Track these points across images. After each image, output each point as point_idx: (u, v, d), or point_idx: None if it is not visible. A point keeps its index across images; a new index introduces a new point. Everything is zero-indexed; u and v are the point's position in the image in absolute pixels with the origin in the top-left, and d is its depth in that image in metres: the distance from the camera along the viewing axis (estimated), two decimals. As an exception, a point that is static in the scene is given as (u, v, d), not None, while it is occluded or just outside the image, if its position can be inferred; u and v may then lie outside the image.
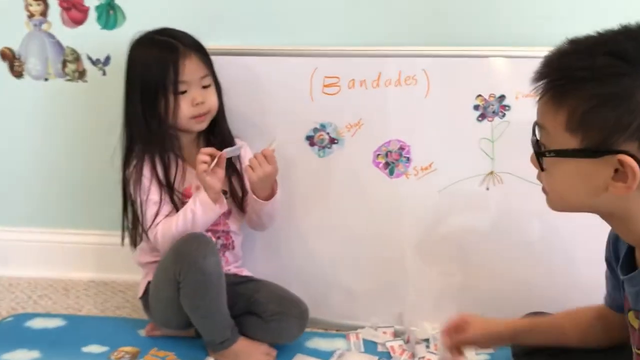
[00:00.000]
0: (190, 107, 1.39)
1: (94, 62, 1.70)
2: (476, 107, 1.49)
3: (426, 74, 1.49)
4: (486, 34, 1.52)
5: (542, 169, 0.86)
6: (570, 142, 0.80)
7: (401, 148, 1.53)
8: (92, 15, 1.66)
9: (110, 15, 1.65)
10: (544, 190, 0.89)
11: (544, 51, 1.48)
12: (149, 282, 1.47)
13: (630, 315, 0.94)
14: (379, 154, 1.54)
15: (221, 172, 1.37)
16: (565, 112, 0.79)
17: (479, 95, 1.49)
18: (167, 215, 1.41)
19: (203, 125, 1.44)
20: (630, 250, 0.92)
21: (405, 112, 1.52)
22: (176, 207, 1.42)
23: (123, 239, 1.51)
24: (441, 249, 1.55)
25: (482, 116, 1.50)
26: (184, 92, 1.39)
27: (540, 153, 0.85)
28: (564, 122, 0.79)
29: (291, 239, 1.60)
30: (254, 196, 1.43)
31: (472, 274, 1.54)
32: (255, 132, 1.55)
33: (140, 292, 1.50)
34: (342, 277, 1.59)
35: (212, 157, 1.35)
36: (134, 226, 1.45)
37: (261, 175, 1.38)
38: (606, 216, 0.88)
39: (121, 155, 1.46)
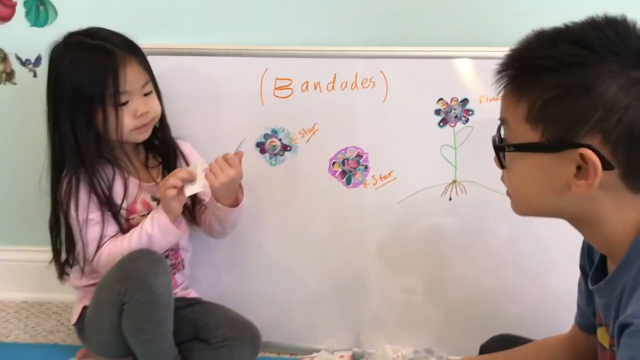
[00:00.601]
0: (133, 119, 1.27)
1: (24, 63, 1.59)
2: (437, 112, 1.43)
3: (384, 76, 1.43)
4: (448, 33, 1.46)
5: (502, 166, 0.83)
6: (531, 135, 0.77)
7: (359, 155, 1.46)
8: (21, 11, 1.54)
9: (40, 11, 1.54)
10: (508, 193, 0.86)
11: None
12: (84, 307, 1.35)
13: (601, 332, 0.90)
14: (335, 162, 1.47)
15: (184, 198, 1.27)
16: (526, 103, 0.77)
17: (441, 99, 1.43)
18: (112, 236, 1.29)
19: (147, 134, 1.32)
20: (603, 259, 0.87)
21: (363, 116, 1.45)
22: (120, 226, 1.30)
23: (59, 265, 1.38)
24: (402, 263, 1.48)
25: (444, 121, 1.43)
26: (125, 103, 1.26)
27: (499, 147, 0.82)
28: (524, 113, 0.77)
29: (241, 255, 1.51)
30: (218, 204, 1.32)
31: (436, 290, 1.48)
32: (200, 138, 1.46)
33: (75, 318, 1.37)
34: (297, 295, 1.51)
35: (184, 180, 1.25)
36: (69, 250, 1.32)
37: (224, 181, 1.26)
38: (573, 221, 0.83)
39: (49, 171, 1.32)
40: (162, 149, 1.37)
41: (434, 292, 1.48)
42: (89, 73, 1.23)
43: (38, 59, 1.57)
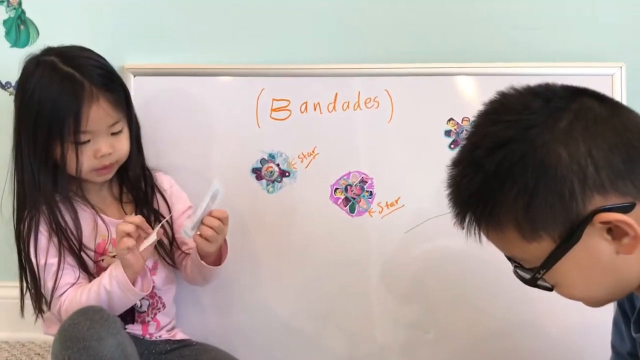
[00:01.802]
0: (93, 159, 1.17)
1: (3, 86, 1.52)
2: (448, 133, 1.38)
3: (389, 95, 1.38)
4: (457, 49, 1.41)
5: (551, 289, 0.79)
6: (544, 246, 0.74)
7: (363, 181, 1.39)
8: (0, 31, 1.48)
9: (21, 31, 1.48)
10: (575, 300, 0.81)
11: (524, 67, 1.33)
12: None
13: None
14: (337, 189, 1.40)
15: (147, 252, 1.16)
16: (511, 228, 0.74)
17: (451, 119, 1.38)
18: (73, 284, 1.19)
19: (107, 176, 1.22)
20: None
21: (367, 139, 1.40)
22: (86, 269, 1.20)
23: (22, 307, 1.28)
24: (410, 298, 1.40)
25: (455, 143, 1.38)
26: (86, 142, 1.17)
27: (534, 279, 0.77)
28: (519, 237, 0.74)
29: (236, 290, 1.43)
30: (203, 262, 1.23)
31: (446, 325, 1.40)
32: (190, 166, 1.40)
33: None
34: (296, 335, 1.42)
35: (139, 228, 1.14)
36: (36, 290, 1.22)
37: (219, 244, 1.19)
38: None
39: (13, 205, 1.23)
40: (133, 185, 1.27)
41: (444, 328, 1.39)
42: (51, 102, 1.14)
43: (21, 82, 1.50)
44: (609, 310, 0.95)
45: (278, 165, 1.40)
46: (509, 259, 0.80)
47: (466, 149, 0.77)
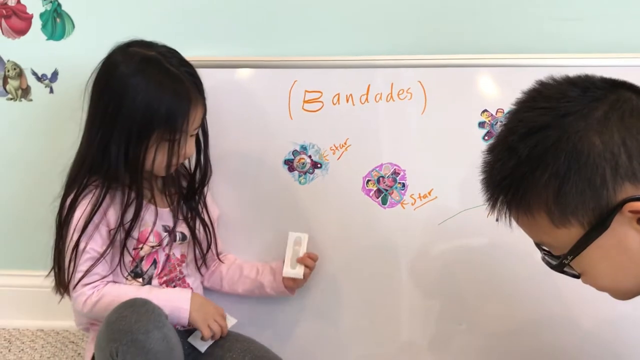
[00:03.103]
0: (179, 158, 1.20)
1: (40, 78, 1.52)
2: (482, 124, 1.35)
3: (422, 86, 1.36)
4: (492, 39, 1.39)
5: (578, 276, 0.80)
6: (573, 233, 0.74)
7: (395, 173, 1.38)
8: (37, 24, 1.48)
9: (57, 24, 1.47)
10: (602, 290, 0.81)
11: (558, 58, 1.30)
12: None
13: None
14: (369, 180, 1.38)
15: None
16: (542, 213, 0.74)
17: (485, 111, 1.35)
18: (104, 277, 1.19)
19: (172, 172, 1.24)
20: None
21: (399, 131, 1.38)
22: (128, 254, 1.21)
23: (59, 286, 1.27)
24: (442, 291, 1.38)
25: (489, 134, 1.35)
26: (178, 142, 1.19)
27: (560, 265, 0.78)
28: (549, 223, 0.75)
29: None
30: (286, 290, 1.35)
31: (478, 320, 1.37)
32: (223, 157, 1.38)
33: (88, 355, 1.26)
34: (327, 326, 1.41)
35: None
36: (60, 268, 1.23)
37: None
38: None
39: (65, 184, 1.24)
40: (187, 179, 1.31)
41: (476, 323, 1.37)
42: (160, 102, 1.15)
43: (55, 74, 1.51)
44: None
45: (310, 156, 1.39)
46: (537, 245, 0.80)
47: (501, 134, 0.78)
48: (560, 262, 0.77)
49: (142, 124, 1.15)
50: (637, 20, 1.36)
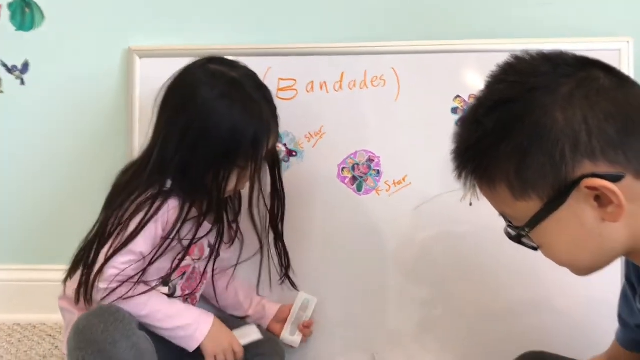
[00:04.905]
0: (243, 184, 1.20)
1: (10, 70, 1.50)
2: (454, 110, 1.37)
3: (396, 73, 1.37)
4: (464, 25, 1.39)
5: (536, 248, 0.80)
6: (532, 205, 0.75)
7: (370, 160, 1.39)
8: (5, 14, 1.47)
9: (26, 14, 1.46)
10: (562, 265, 0.82)
11: (531, 43, 1.32)
12: None
13: None
14: (344, 168, 1.39)
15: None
16: (503, 185, 0.75)
17: (458, 97, 1.36)
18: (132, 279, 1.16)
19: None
20: None
21: (374, 118, 1.39)
22: (171, 267, 1.20)
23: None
24: (420, 275, 1.39)
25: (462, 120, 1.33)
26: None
27: (518, 237, 0.79)
28: (510, 196, 0.76)
29: (242, 269, 1.37)
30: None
31: (457, 303, 1.39)
32: None
33: (66, 348, 1.26)
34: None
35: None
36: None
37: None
38: (631, 254, 0.79)
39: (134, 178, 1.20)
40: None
41: (455, 306, 1.39)
42: (251, 131, 1.13)
43: (25, 66, 1.49)
44: (616, 286, 0.95)
45: (285, 145, 1.39)
46: (501, 216, 0.82)
47: (472, 106, 0.79)
48: (518, 233, 0.78)
49: (227, 151, 1.13)
50: (608, 4, 1.37)
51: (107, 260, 1.14)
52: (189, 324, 1.20)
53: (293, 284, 1.37)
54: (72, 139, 1.51)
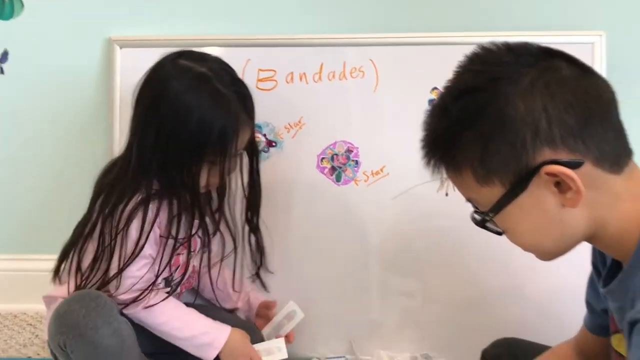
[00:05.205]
0: (217, 179, 1.18)
1: None
2: (432, 102, 1.33)
3: (374, 65, 1.38)
4: (441, 18, 1.41)
5: (500, 233, 0.82)
6: (495, 191, 0.77)
7: (349, 150, 1.40)
8: None
9: (5, 3, 1.45)
10: (527, 250, 0.84)
11: (505, 36, 1.34)
12: None
13: (617, 340, 0.85)
14: (323, 158, 1.40)
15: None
16: (468, 172, 0.77)
17: (435, 88, 1.37)
18: (148, 282, 1.18)
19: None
20: (617, 262, 0.82)
21: (352, 108, 1.40)
22: (168, 263, 1.20)
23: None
24: (397, 264, 1.41)
25: None
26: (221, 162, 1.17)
27: (483, 221, 0.81)
28: (474, 181, 0.77)
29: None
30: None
31: (433, 291, 1.41)
32: None
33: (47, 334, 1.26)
34: (284, 301, 1.40)
35: None
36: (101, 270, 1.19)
37: None
38: (591, 239, 0.80)
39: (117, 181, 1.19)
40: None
41: (432, 294, 1.41)
42: (211, 123, 1.11)
43: (5, 55, 1.49)
44: (585, 274, 0.98)
45: (265, 135, 1.40)
46: (469, 201, 0.83)
47: (441, 95, 0.81)
48: (483, 218, 0.79)
49: (195, 145, 1.12)
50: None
51: (121, 271, 1.15)
52: (207, 332, 1.20)
53: (263, 285, 1.38)
54: (53, 128, 1.51)
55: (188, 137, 1.11)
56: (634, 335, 0.69)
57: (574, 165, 0.72)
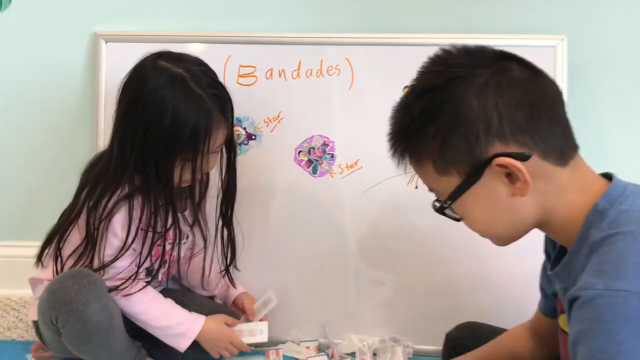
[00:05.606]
0: (198, 174, 1.21)
1: None
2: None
3: (350, 63, 1.41)
4: (415, 20, 1.44)
5: (458, 219, 0.87)
6: (453, 181, 0.82)
7: (325, 144, 1.44)
8: None
9: None
10: (482, 236, 0.89)
11: (470, 38, 1.40)
12: None
13: (562, 319, 0.90)
14: (300, 151, 1.44)
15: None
16: (428, 162, 0.83)
17: (406, 87, 1.34)
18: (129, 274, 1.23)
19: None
20: (563, 248, 0.88)
21: (329, 104, 1.43)
22: (148, 254, 1.24)
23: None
24: (368, 253, 1.45)
25: None
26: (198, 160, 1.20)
27: (442, 208, 0.86)
28: (433, 171, 0.83)
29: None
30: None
31: (402, 279, 1.45)
32: None
33: (32, 315, 1.30)
34: (260, 287, 1.45)
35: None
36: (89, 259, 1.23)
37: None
38: (542, 227, 0.86)
39: (98, 176, 1.23)
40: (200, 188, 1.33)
41: (400, 281, 1.45)
42: (191, 128, 1.14)
43: (-8, 49, 1.50)
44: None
45: (245, 129, 1.43)
46: (430, 190, 0.88)
47: (405, 93, 0.87)
48: (441, 205, 0.85)
49: (168, 143, 1.15)
50: (544, 2, 1.42)
51: (104, 266, 1.20)
52: (182, 322, 1.25)
53: (232, 281, 1.40)
54: (39, 121, 1.52)
55: (162, 134, 1.14)
56: (573, 311, 0.74)
57: (522, 158, 0.77)
